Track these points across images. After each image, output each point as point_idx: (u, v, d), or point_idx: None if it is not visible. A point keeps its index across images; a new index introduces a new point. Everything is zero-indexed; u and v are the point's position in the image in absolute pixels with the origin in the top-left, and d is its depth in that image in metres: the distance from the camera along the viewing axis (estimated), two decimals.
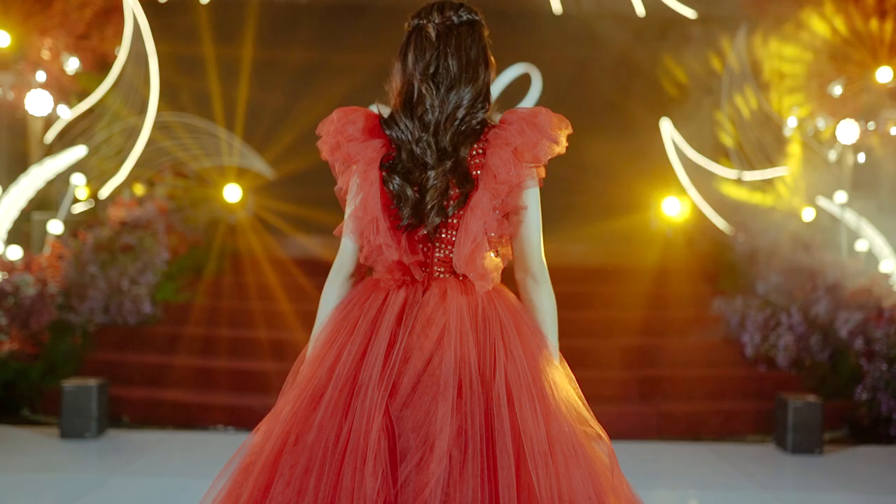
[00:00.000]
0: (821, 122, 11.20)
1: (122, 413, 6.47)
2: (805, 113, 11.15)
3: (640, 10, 11.56)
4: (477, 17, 2.31)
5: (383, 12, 10.52)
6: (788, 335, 7.32)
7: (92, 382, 5.89)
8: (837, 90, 10.83)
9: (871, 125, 10.66)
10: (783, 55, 10.85)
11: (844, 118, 10.39)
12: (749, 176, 10.53)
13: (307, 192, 9.71)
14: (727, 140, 10.72)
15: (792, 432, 5.96)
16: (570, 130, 2.21)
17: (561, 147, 2.20)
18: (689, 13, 11.28)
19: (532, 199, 2.20)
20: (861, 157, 10.60)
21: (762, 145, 10.61)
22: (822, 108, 10.93)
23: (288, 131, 10.14)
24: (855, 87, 10.60)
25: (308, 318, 7.56)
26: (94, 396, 5.84)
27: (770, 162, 10.50)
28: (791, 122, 11.31)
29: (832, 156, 11.20)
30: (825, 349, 7.32)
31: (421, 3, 2.41)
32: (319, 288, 2.33)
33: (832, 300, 7.62)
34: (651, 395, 6.88)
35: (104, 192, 9.90)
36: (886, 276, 8.13)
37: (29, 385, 6.65)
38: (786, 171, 10.67)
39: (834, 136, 10.57)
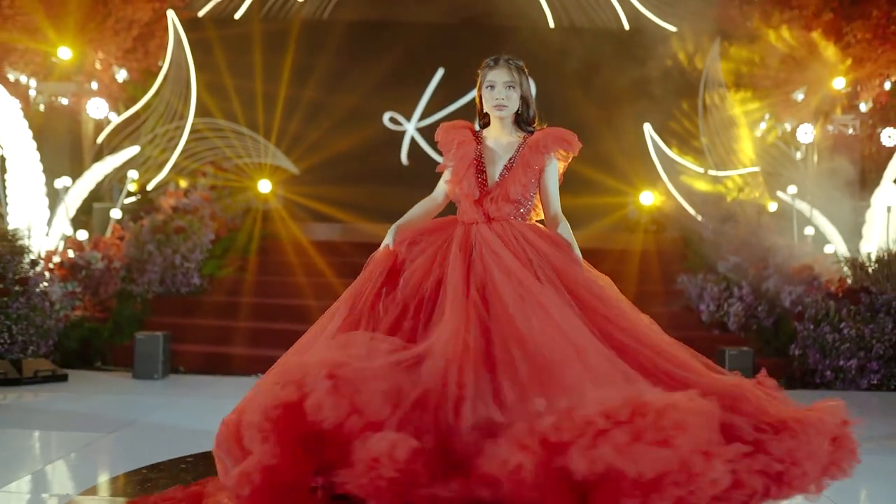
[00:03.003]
0: (787, 125, 12.49)
1: (178, 364, 7.81)
2: (771, 116, 12.43)
3: (625, 24, 12.88)
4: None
5: (402, 28, 11.98)
6: (738, 304, 8.63)
7: (158, 334, 7.27)
8: (800, 96, 12.12)
9: (831, 128, 11.95)
10: (753, 65, 12.11)
11: (805, 121, 11.70)
12: (721, 172, 11.79)
13: (327, 187, 11.21)
14: (701, 139, 11.98)
15: None
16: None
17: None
18: (669, 27, 12.58)
19: None
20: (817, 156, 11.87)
21: (731, 144, 11.88)
22: (787, 111, 12.22)
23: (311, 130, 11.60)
24: (815, 94, 11.89)
25: (326, 290, 8.94)
26: (161, 345, 7.21)
27: (738, 158, 11.78)
28: (762, 125, 12.61)
29: (798, 155, 12.49)
30: (771, 316, 8.61)
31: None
32: (334, 266, 3.66)
33: (780, 276, 8.91)
34: None
35: (150, 185, 11.31)
36: (828, 257, 9.40)
37: (100, 342, 8.02)
38: (757, 168, 11.94)
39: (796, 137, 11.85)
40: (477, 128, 3.63)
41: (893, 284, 7.92)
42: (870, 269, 8.28)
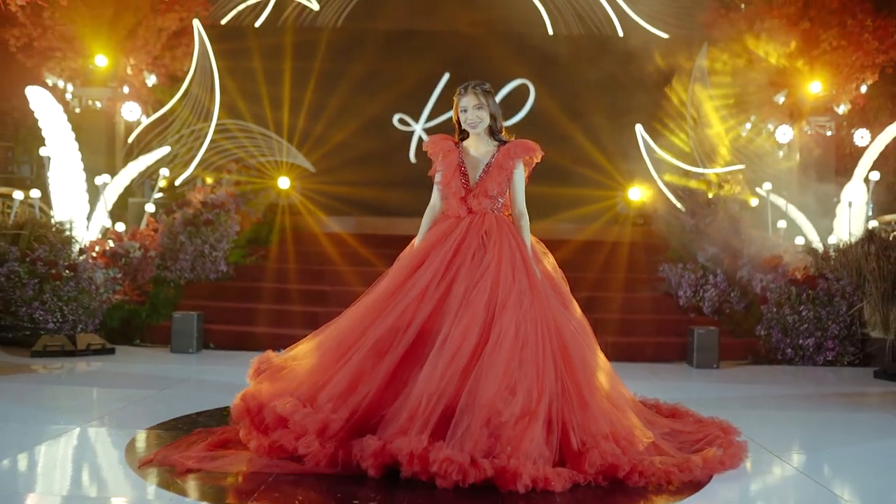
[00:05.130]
0: (770, 126, 13.34)
1: (208, 341, 8.77)
2: (756, 117, 13.28)
3: (619, 31, 13.76)
4: None
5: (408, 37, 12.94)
6: (712, 291, 9.53)
7: (193, 314, 8.24)
8: (781, 99, 12.97)
9: (808, 129, 12.80)
10: (737, 69, 12.96)
11: (787, 122, 12.56)
12: (708, 170, 12.68)
13: (341, 183, 12.21)
14: (687, 139, 12.86)
15: (696, 352, 8.17)
16: None
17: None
18: (661, 34, 13.45)
19: None
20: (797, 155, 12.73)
21: (714, 143, 12.76)
22: (770, 113, 13.07)
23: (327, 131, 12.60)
24: (794, 97, 12.75)
25: (340, 276, 9.88)
26: (195, 323, 8.18)
27: (721, 155, 12.66)
28: (747, 126, 13.46)
29: (780, 154, 13.35)
30: (742, 301, 9.51)
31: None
32: (347, 255, 4.58)
33: (753, 265, 9.79)
34: (602, 331, 9.05)
35: (177, 181, 12.31)
36: (797, 247, 10.28)
37: (139, 322, 8.99)
38: (742, 166, 12.81)
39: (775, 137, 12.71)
40: (457, 139, 4.56)
41: (849, 272, 8.80)
42: (831, 259, 9.17)
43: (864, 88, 12.89)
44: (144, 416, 5.12)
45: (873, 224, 10.28)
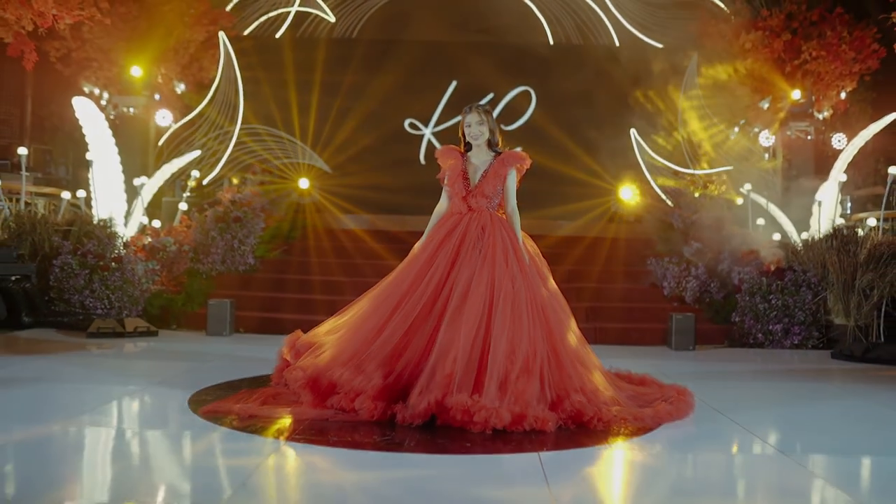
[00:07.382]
0: (756, 129, 14.25)
1: (238, 326, 9.77)
2: (745, 122, 14.19)
3: (616, 41, 14.69)
4: None
5: (410, 46, 13.92)
6: (694, 282, 10.47)
7: (226, 301, 9.25)
8: (765, 105, 13.88)
9: (790, 133, 13.72)
10: (726, 76, 13.87)
11: (770, 127, 13.48)
12: (698, 171, 13.61)
13: (356, 183, 13.22)
14: (677, 142, 13.79)
15: (674, 336, 9.13)
16: None
17: None
18: (656, 44, 14.37)
19: None
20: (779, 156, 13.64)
21: (703, 147, 13.69)
22: (756, 117, 13.99)
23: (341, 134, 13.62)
24: (777, 103, 13.67)
25: (355, 269, 10.87)
26: (228, 309, 9.20)
27: (709, 156, 13.61)
28: (735, 129, 14.37)
29: (766, 156, 14.26)
30: (721, 291, 10.45)
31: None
32: (362, 250, 5.58)
33: (732, 259, 10.72)
34: (594, 318, 10.05)
35: (205, 181, 13.35)
36: (773, 242, 11.21)
37: (175, 309, 10.01)
38: (730, 167, 13.73)
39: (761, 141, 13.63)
40: (462, 150, 5.56)
41: (814, 264, 9.73)
42: (800, 252, 10.10)
43: (843, 95, 13.78)
44: (193, 382, 6.12)
45: (839, 222, 11.19)
